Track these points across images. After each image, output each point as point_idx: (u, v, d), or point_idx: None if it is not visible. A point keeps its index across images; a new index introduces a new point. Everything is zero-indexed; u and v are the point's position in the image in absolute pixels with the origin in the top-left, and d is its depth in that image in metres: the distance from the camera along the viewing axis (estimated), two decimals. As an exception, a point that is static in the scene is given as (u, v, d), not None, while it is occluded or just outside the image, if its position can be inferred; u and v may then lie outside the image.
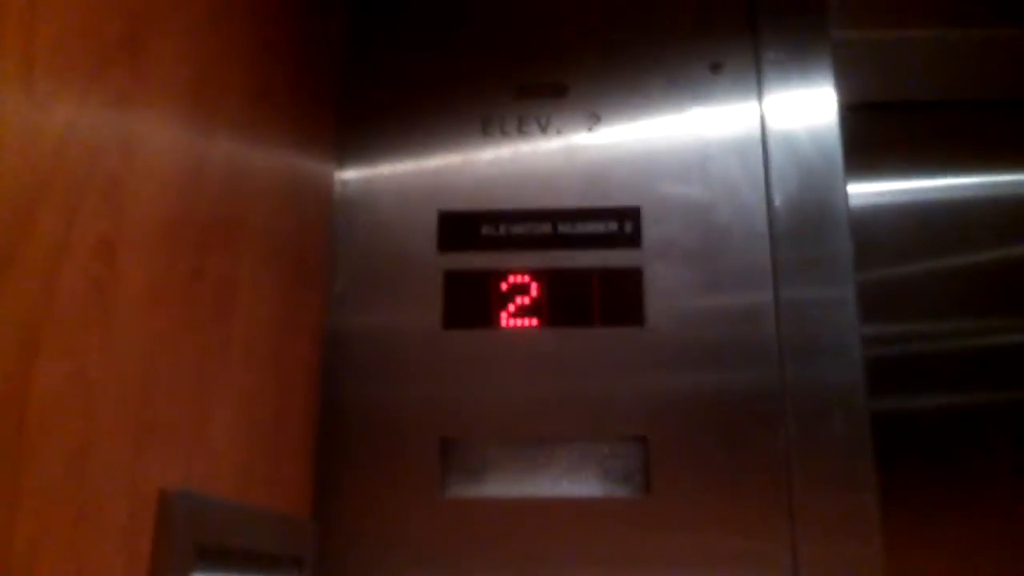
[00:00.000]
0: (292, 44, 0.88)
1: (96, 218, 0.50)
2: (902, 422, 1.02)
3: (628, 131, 0.99)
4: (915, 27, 1.12)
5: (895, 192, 1.11)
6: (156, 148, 0.59)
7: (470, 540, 0.87)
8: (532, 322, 0.92)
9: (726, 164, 0.97)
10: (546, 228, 0.96)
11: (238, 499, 0.69)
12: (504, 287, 0.93)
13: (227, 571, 0.64)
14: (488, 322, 0.93)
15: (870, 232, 1.06)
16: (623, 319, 0.91)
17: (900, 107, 1.12)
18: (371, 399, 0.92)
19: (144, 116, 0.57)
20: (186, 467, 0.61)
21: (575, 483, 0.89)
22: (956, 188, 1.10)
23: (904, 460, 0.99)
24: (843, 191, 0.94)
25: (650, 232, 0.94)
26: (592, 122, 1.00)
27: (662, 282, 0.92)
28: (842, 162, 0.95)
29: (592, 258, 0.94)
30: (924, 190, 1.11)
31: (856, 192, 1.01)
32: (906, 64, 1.11)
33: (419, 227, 0.97)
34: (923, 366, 1.04)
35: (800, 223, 0.93)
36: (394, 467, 0.90)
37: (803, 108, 0.98)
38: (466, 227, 0.96)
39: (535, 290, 0.93)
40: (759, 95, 0.99)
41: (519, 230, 0.96)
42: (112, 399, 0.52)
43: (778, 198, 0.95)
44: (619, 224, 0.95)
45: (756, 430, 0.88)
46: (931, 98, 1.11)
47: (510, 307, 0.93)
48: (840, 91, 0.99)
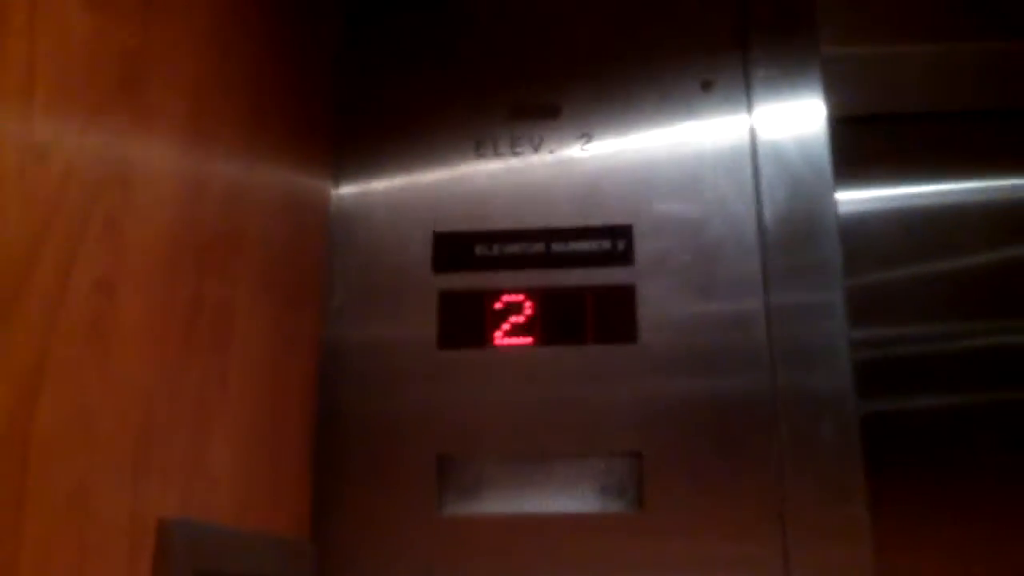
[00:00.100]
0: (287, 67, 0.89)
1: (96, 256, 0.51)
2: (891, 424, 1.03)
3: (620, 149, 1.01)
4: (903, 42, 1.13)
5: (883, 199, 1.13)
6: (154, 181, 0.60)
7: (467, 557, 0.88)
8: (526, 341, 0.93)
9: (717, 180, 0.98)
10: (539, 247, 0.97)
11: (237, 524, 0.70)
12: (498, 306, 0.94)
13: (227, 595, 0.65)
14: (483, 341, 0.94)
15: (859, 238, 1.08)
16: (616, 336, 0.93)
17: (888, 119, 1.14)
18: (368, 418, 0.93)
19: (142, 151, 0.59)
20: (185, 495, 0.62)
21: (571, 499, 0.90)
22: (944, 194, 1.12)
23: (893, 462, 1.00)
24: (832, 203, 0.96)
25: (642, 249, 0.96)
26: (584, 141, 1.01)
27: (654, 298, 0.94)
28: (831, 174, 0.97)
29: (585, 276, 0.95)
30: (912, 196, 1.12)
31: (846, 199, 1.03)
32: (894, 78, 1.13)
33: (414, 247, 0.98)
34: (912, 368, 1.06)
35: (790, 235, 0.95)
36: (391, 485, 0.91)
37: (792, 123, 0.99)
38: (460, 247, 0.97)
39: (529, 309, 0.94)
40: (749, 111, 1.01)
41: (513, 250, 0.97)
42: (112, 432, 0.53)
43: (768, 212, 0.96)
44: (612, 242, 0.96)
45: (748, 438, 0.89)
46: (918, 110, 1.13)
47: (504, 326, 0.94)
48: (829, 104, 1.00)
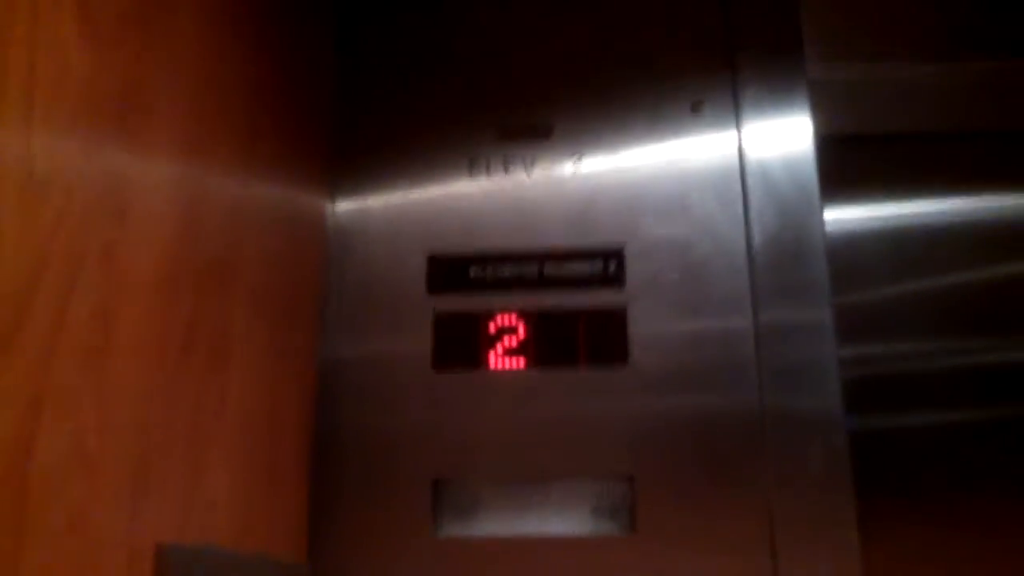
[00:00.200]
0: (283, 84, 0.90)
1: (94, 285, 0.52)
2: (880, 442, 1.04)
3: (611, 170, 1.02)
4: (889, 63, 1.15)
5: (871, 218, 1.14)
6: (151, 207, 0.61)
7: (463, 578, 0.89)
8: (519, 362, 0.94)
9: (706, 200, 0.99)
10: (533, 269, 0.98)
11: (234, 547, 0.71)
12: (492, 328, 0.95)
13: (224, 619, 0.66)
14: (477, 363, 0.95)
15: (847, 256, 1.09)
16: (608, 358, 0.94)
17: (875, 139, 1.15)
18: (365, 439, 0.93)
19: (140, 177, 0.59)
20: (182, 519, 0.63)
21: (564, 522, 0.91)
22: (931, 213, 1.14)
23: (883, 480, 1.01)
24: (819, 223, 0.97)
25: (633, 271, 0.97)
26: (576, 162, 1.02)
27: (645, 320, 0.95)
28: (818, 194, 0.98)
29: (577, 298, 0.96)
30: (899, 215, 1.14)
31: (833, 218, 1.05)
32: (880, 98, 1.14)
33: (409, 266, 0.99)
34: (900, 386, 1.07)
35: (778, 255, 0.96)
36: (388, 507, 0.91)
37: (781, 144, 1.01)
38: (455, 269, 0.98)
39: (522, 331, 0.95)
40: (738, 132, 1.02)
41: (506, 271, 0.98)
42: (109, 459, 0.53)
43: (757, 232, 0.97)
44: (604, 264, 0.97)
45: (738, 459, 0.89)
46: (904, 130, 1.14)
47: (498, 348, 0.95)
48: (817, 124, 1.02)
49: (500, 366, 0.94)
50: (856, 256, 1.10)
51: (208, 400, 0.69)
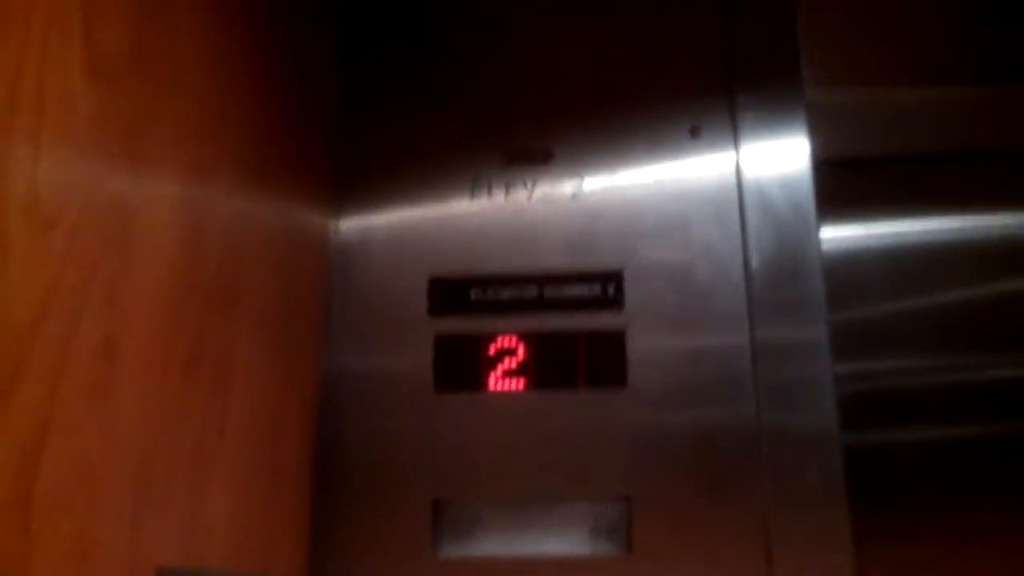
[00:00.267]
0: (287, 109, 0.91)
1: (99, 316, 0.53)
2: (875, 458, 1.04)
3: (611, 195, 1.03)
4: (885, 86, 1.16)
5: (867, 237, 1.15)
6: (156, 235, 0.62)
7: (462, 600, 0.89)
8: (519, 384, 0.95)
9: (705, 223, 1.00)
10: (533, 291, 0.99)
11: (235, 570, 0.71)
12: (492, 350, 0.96)
13: (224, 641, 0.66)
14: (477, 385, 0.96)
15: (845, 274, 1.10)
16: (607, 380, 0.94)
17: (872, 161, 1.16)
18: (366, 460, 0.94)
19: (144, 206, 0.60)
20: (183, 542, 0.64)
21: (562, 542, 0.92)
22: (926, 232, 1.15)
23: (878, 496, 1.02)
24: (816, 245, 0.98)
25: (632, 294, 0.98)
26: (576, 186, 1.03)
27: (644, 342, 0.95)
28: (815, 215, 0.99)
29: (577, 321, 0.97)
30: (895, 234, 1.15)
31: (829, 237, 1.06)
32: (877, 121, 1.15)
33: (410, 288, 1.00)
34: (896, 403, 1.07)
35: (775, 277, 0.97)
36: (388, 527, 0.92)
37: (778, 166, 1.02)
38: (456, 292, 0.99)
39: (522, 353, 0.96)
40: (736, 156, 1.03)
41: (507, 294, 0.99)
42: (111, 484, 0.54)
43: (754, 255, 0.98)
44: (603, 287, 0.98)
45: (734, 479, 0.90)
46: (901, 153, 1.15)
47: (498, 369, 0.96)
48: (815, 147, 1.03)
49: (500, 388, 0.95)
50: (854, 274, 1.11)
51: (211, 420, 0.70)
